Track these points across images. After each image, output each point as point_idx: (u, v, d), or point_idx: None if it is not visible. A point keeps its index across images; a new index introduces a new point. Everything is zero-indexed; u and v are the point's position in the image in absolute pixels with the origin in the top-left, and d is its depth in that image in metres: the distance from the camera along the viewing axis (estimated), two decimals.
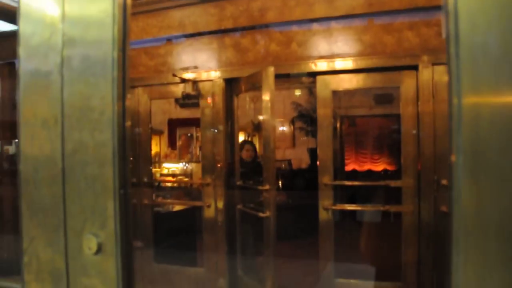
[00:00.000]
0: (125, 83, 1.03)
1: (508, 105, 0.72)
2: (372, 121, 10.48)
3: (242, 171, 4.51)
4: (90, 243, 1.03)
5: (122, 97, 1.02)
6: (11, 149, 5.35)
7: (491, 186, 0.71)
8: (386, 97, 8.34)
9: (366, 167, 10.85)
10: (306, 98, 9.36)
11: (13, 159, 5.22)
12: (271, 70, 3.62)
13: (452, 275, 0.70)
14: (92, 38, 1.05)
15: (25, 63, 1.13)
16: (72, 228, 1.07)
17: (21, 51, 1.13)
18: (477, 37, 0.73)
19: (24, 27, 1.13)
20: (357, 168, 10.88)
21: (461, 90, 0.73)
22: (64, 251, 1.08)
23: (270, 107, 3.65)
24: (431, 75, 3.51)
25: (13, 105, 5.10)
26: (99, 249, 1.02)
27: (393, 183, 3.84)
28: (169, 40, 4.57)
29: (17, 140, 1.21)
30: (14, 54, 1.15)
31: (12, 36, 1.17)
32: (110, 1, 1.01)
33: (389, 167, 10.51)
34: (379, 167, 10.75)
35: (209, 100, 4.30)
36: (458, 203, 0.71)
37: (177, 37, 4.51)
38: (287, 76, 4.25)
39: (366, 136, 10.81)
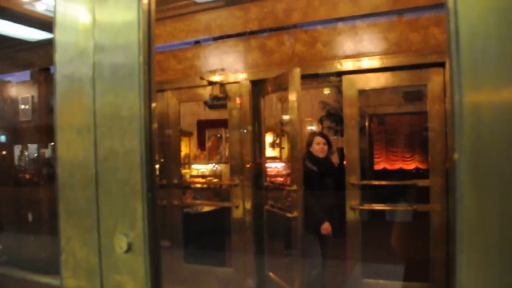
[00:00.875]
0: (151, 88, 1.09)
1: (508, 103, 0.72)
2: (402, 118, 10.27)
3: (311, 171, 3.89)
4: (121, 243, 1.10)
5: (148, 104, 1.08)
6: (47, 152, 5.54)
7: (493, 185, 0.72)
8: (415, 94, 8.15)
9: (397, 165, 10.63)
10: (334, 96, 9.26)
11: (49, 162, 5.42)
12: (297, 72, 3.63)
13: (456, 274, 0.72)
14: (120, 44, 1.11)
15: (61, 70, 1.21)
16: (104, 228, 1.14)
17: (57, 58, 1.21)
18: (477, 35, 0.74)
19: (59, 36, 1.21)
20: (388, 166, 10.68)
21: (462, 88, 0.74)
22: (97, 250, 1.16)
23: (297, 108, 3.68)
24: None
25: (48, 109, 5.30)
26: (129, 248, 1.09)
27: (421, 182, 3.79)
28: (196, 43, 4.66)
29: (52, 144, 1.30)
30: (49, 61, 1.22)
31: (46, 44, 1.24)
32: (135, 7, 1.07)
33: (421, 166, 10.26)
34: (410, 165, 10.51)
35: (238, 100, 4.36)
36: (461, 202, 0.72)
37: (204, 40, 4.60)
38: (314, 76, 4.25)
39: (396, 134, 10.60)
